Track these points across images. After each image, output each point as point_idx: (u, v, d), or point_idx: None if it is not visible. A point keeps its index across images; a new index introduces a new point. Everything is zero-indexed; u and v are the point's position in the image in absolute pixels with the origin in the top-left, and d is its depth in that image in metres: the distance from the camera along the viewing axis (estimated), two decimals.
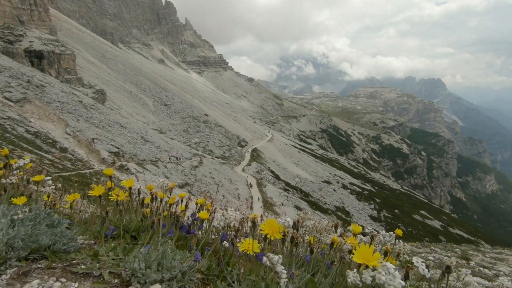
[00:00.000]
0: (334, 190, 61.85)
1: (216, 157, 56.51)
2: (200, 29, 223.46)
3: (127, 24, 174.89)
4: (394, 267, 1.29)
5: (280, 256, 1.46)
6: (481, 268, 11.05)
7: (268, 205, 34.47)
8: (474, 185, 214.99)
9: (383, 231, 2.71)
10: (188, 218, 2.48)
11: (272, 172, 57.99)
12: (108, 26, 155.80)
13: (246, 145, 73.20)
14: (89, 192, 2.35)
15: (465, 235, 61.66)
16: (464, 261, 12.35)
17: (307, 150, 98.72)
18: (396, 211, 60.94)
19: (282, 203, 39.52)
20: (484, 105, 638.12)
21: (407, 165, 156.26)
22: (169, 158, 41.09)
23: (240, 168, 52.41)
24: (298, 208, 41.78)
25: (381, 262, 1.32)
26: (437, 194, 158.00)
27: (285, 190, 50.06)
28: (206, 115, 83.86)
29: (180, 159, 42.73)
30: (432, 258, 11.90)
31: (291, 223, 1.96)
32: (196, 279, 1.69)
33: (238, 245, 1.77)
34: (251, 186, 41.93)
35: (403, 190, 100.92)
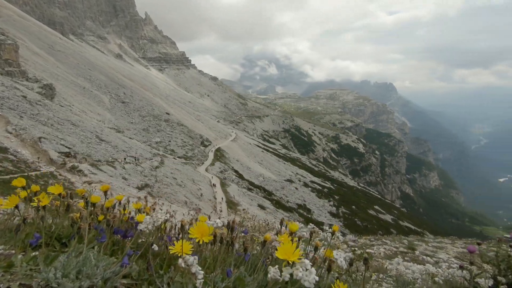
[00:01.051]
0: (296, 188, 63.64)
1: (179, 157, 55.01)
2: (161, 25, 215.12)
3: (80, 14, 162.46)
4: (310, 263, 1.34)
5: (196, 257, 1.44)
6: (424, 257, 12.16)
7: (231, 205, 34.39)
8: (420, 181, 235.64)
9: (327, 226, 2.84)
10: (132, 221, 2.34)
11: (236, 171, 57.97)
12: (57, 15, 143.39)
13: (209, 144, 72.25)
14: (7, 199, 2.05)
15: (413, 227, 67.31)
16: (410, 250, 13.50)
17: (270, 149, 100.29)
18: (353, 207, 64.49)
19: (245, 203, 39.71)
20: (429, 108, 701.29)
21: (363, 164, 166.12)
22: (125, 158, 39.04)
23: (203, 168, 51.62)
24: (261, 207, 42.28)
25: (300, 259, 1.36)
26: (389, 190, 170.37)
27: (249, 189, 50.35)
28: (168, 114, 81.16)
29: (138, 159, 40.81)
30: (383, 250, 12.81)
31: (220, 224, 1.96)
32: (121, 284, 1.59)
33: (170, 247, 1.68)
34: (214, 186, 41.51)
35: (359, 187, 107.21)
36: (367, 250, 11.81)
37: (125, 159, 39.04)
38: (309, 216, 51.29)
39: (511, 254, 2.17)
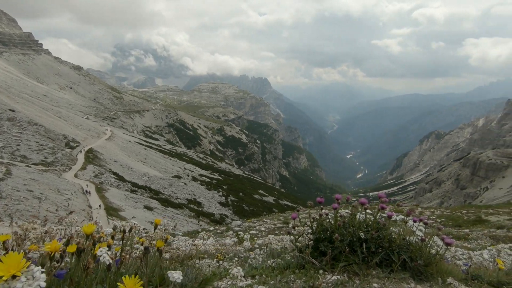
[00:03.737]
0: (185, 183, 62.34)
1: (34, 164, 44.27)
2: None
3: None
4: (41, 269, 1.23)
5: None
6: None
7: (112, 211, 30.47)
8: (294, 164, 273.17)
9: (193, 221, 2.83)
10: None
11: (115, 173, 51.60)
12: None
13: (77, 145, 61.28)
14: None
15: (290, 204, 77.55)
16: (285, 225, 15.44)
17: (154, 146, 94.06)
18: (241, 194, 68.59)
19: (129, 206, 35.98)
20: (296, 100, 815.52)
21: (246, 153, 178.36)
22: None
23: (72, 174, 43.45)
24: (148, 208, 39.36)
25: (26, 268, 1.22)
26: (270, 175, 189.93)
27: (133, 191, 45.87)
28: (12, 111, 63.61)
29: None
30: (263, 229, 14.15)
31: None
32: None
33: None
34: (89, 193, 35.68)
35: (245, 175, 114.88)
36: (251, 232, 12.73)
37: None
38: (200, 209, 51.37)
39: (318, 216, 2.77)
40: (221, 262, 3.86)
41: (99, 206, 31.10)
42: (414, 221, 2.27)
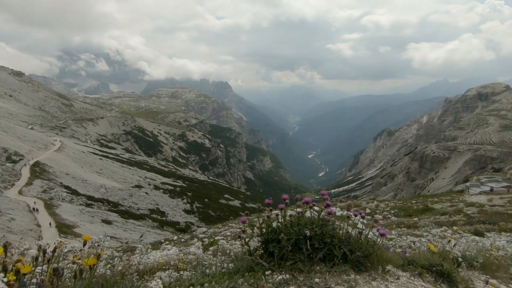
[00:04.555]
0: (147, 193, 59.68)
1: None
2: None
3: None
4: None
5: None
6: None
7: (65, 229, 28.13)
8: (258, 166, 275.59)
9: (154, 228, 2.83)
10: None
11: (67, 187, 47.71)
12: None
13: (21, 159, 55.60)
14: None
15: (256, 207, 77.95)
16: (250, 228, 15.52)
17: (111, 155, 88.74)
18: (206, 200, 67.43)
19: (85, 222, 33.48)
20: (258, 103, 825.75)
21: (210, 158, 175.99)
22: None
23: (15, 191, 39.28)
24: (106, 222, 37.01)
25: None
26: (235, 178, 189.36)
27: (88, 205, 42.77)
28: None
29: None
30: (229, 234, 14.14)
31: None
32: None
33: None
34: (36, 210, 32.53)
35: (210, 180, 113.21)
36: (216, 237, 12.64)
37: None
38: (164, 219, 49.53)
39: (267, 218, 2.86)
40: (182, 272, 3.81)
41: (50, 224, 28.56)
42: (355, 215, 2.47)
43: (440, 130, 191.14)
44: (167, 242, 12.05)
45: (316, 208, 2.53)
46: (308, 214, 2.54)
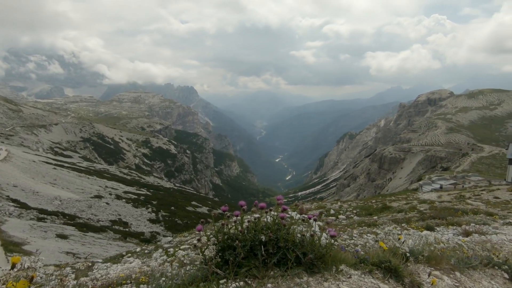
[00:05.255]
0: (108, 203, 56.31)
1: None
2: None
3: None
4: None
5: None
6: None
7: (12, 247, 25.51)
8: (226, 172, 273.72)
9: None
10: None
11: (15, 201, 43.43)
12: None
13: None
14: None
15: (225, 212, 77.13)
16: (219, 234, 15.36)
17: (66, 164, 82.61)
18: (172, 208, 65.30)
19: (37, 238, 30.64)
20: (225, 108, 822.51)
21: (176, 164, 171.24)
22: None
23: None
24: (62, 236, 34.25)
25: None
26: (202, 185, 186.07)
27: (40, 219, 39.25)
28: None
29: None
30: (195, 242, 13.82)
31: None
32: None
33: None
34: None
35: (176, 187, 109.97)
36: (182, 246, 12.33)
37: None
38: (127, 229, 47.02)
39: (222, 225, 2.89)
40: (142, 286, 3.66)
41: None
42: (309, 218, 2.58)
43: (396, 133, 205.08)
44: (129, 254, 11.48)
45: (273, 213, 2.58)
46: (269, 219, 2.58)
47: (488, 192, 29.74)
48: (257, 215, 2.68)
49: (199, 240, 2.58)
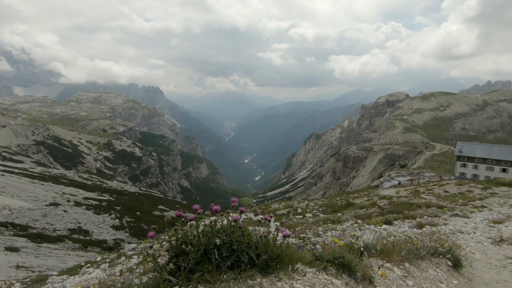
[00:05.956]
0: (65, 211, 52.52)
1: None
2: None
3: None
4: None
5: None
6: None
7: None
8: (194, 174, 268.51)
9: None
10: None
11: None
12: None
13: None
14: None
15: (194, 215, 75.59)
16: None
17: (16, 170, 75.71)
18: (138, 213, 62.64)
19: None
20: (192, 109, 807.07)
21: (142, 167, 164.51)
22: None
23: None
24: (12, 249, 31.31)
25: None
26: (170, 188, 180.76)
27: None
28: None
29: None
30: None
31: None
32: None
33: None
34: None
35: (141, 191, 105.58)
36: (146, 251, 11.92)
37: None
38: (88, 238, 44.25)
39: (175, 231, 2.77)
40: None
41: None
42: (266, 219, 2.63)
43: (358, 133, 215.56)
44: (89, 264, 10.80)
45: (234, 214, 2.58)
46: (225, 222, 2.56)
47: (439, 186, 32.37)
48: (213, 218, 2.67)
49: (151, 247, 2.49)
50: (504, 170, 55.69)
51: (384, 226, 11.84)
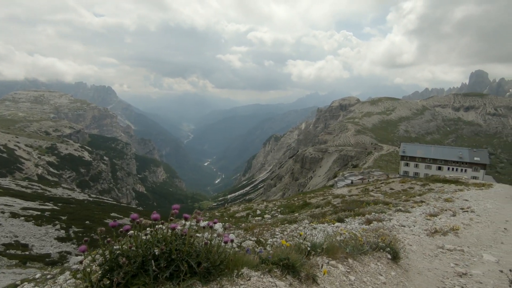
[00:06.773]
0: (0, 224, 46.69)
1: None
2: None
3: None
4: None
5: None
6: None
7: None
8: (151, 178, 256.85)
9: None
10: None
11: None
12: None
13: None
14: None
15: (151, 222, 72.21)
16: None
17: None
18: (87, 222, 58.02)
19: None
20: (148, 111, 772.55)
21: (91, 173, 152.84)
22: None
23: None
24: None
25: None
26: (124, 194, 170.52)
27: None
28: None
29: None
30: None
31: None
32: None
33: None
34: None
35: (91, 199, 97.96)
36: (95, 266, 11.10)
37: None
38: (27, 253, 39.81)
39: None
40: None
41: None
42: (209, 226, 2.62)
43: (315, 135, 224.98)
44: (26, 283, 9.70)
45: (185, 222, 2.51)
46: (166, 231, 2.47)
47: (386, 184, 35.10)
48: (160, 226, 2.57)
49: (81, 262, 2.30)
50: (439, 168, 62.42)
51: (336, 224, 12.46)
